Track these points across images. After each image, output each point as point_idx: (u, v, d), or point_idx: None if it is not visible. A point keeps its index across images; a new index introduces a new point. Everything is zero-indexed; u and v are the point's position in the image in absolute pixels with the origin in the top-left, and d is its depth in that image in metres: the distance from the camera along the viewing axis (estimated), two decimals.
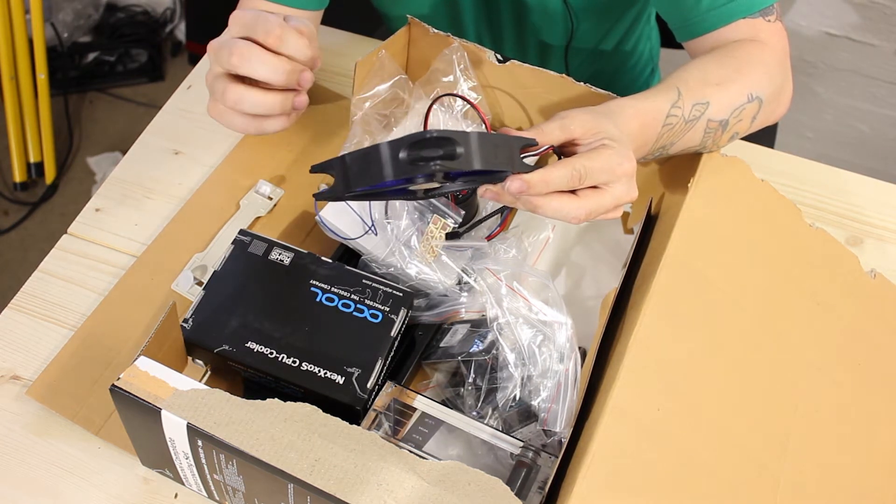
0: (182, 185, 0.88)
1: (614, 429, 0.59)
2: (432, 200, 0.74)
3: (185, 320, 0.69)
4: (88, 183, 2.00)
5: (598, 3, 0.95)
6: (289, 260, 0.73)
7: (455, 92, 0.86)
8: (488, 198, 0.64)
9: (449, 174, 0.60)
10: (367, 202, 0.78)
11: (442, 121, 0.85)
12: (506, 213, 0.82)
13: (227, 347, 0.68)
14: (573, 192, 0.64)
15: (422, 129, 0.82)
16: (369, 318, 0.70)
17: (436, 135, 0.57)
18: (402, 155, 0.57)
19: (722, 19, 0.80)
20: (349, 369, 0.67)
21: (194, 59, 2.13)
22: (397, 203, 0.77)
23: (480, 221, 0.80)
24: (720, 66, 0.77)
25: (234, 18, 0.71)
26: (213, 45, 0.72)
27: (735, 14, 0.79)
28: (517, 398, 0.69)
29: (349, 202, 0.79)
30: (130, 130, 2.07)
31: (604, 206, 0.65)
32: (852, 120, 1.89)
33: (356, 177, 0.60)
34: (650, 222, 0.80)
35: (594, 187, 0.64)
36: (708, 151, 0.77)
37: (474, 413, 0.70)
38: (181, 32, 2.26)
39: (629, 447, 0.59)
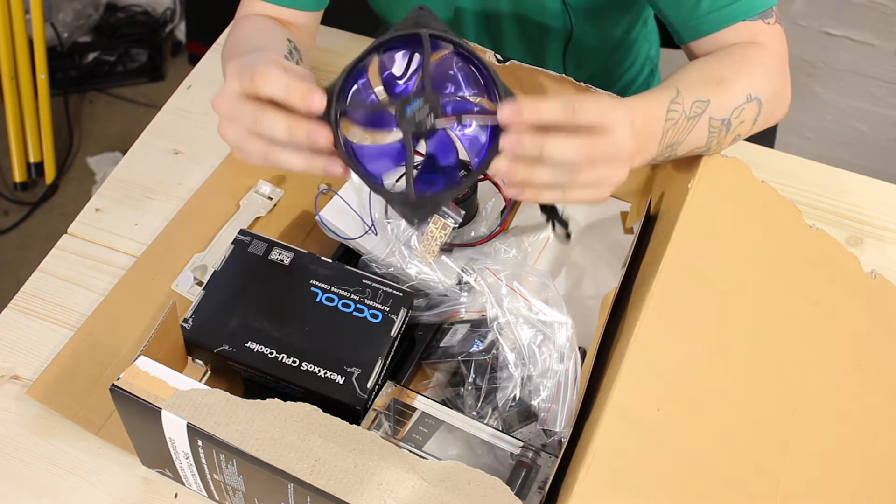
0: (182, 185, 0.88)
1: (614, 429, 0.59)
2: None
3: (185, 320, 0.69)
4: (88, 183, 2.00)
5: (596, 4, 0.95)
6: (289, 260, 0.73)
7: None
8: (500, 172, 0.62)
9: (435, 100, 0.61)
10: (368, 202, 0.78)
11: None
12: (506, 213, 0.82)
13: (227, 347, 0.68)
14: None
15: None
16: (369, 318, 0.70)
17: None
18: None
19: (721, 22, 0.80)
20: (349, 369, 0.67)
21: (194, 59, 2.13)
22: None
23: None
24: (719, 66, 0.77)
25: (231, 70, 0.65)
26: (234, 70, 0.65)
27: (734, 17, 0.79)
28: (517, 398, 0.69)
29: (348, 202, 0.79)
30: (130, 130, 2.06)
31: (605, 152, 0.62)
32: (852, 120, 1.89)
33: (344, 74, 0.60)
34: (650, 222, 0.80)
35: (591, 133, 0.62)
36: (712, 153, 0.77)
37: (474, 413, 0.70)
38: (181, 32, 2.26)
39: (629, 447, 0.59)
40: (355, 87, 0.62)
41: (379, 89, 0.64)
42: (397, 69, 0.64)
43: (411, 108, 0.60)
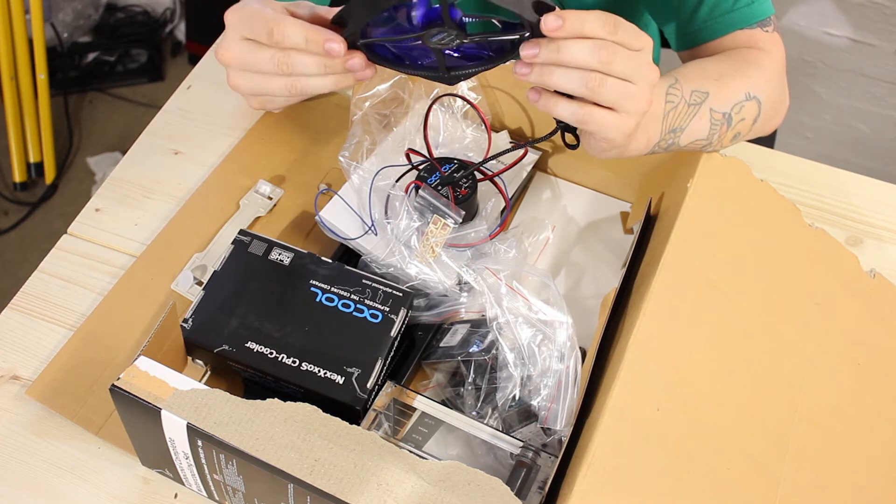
0: (182, 185, 0.88)
1: (614, 428, 0.59)
2: (432, 200, 0.74)
3: (185, 320, 0.69)
4: (88, 183, 2.00)
5: (595, 8, 0.94)
6: (289, 260, 0.73)
7: (455, 92, 0.86)
8: (523, 55, 0.61)
9: (460, 24, 0.61)
10: (368, 202, 0.78)
11: (442, 121, 0.85)
12: (506, 213, 0.82)
13: (227, 347, 0.68)
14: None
15: (422, 129, 0.82)
16: (369, 318, 0.70)
17: None
18: None
19: (719, 30, 0.80)
20: (349, 369, 0.67)
21: (194, 59, 2.13)
22: (397, 203, 0.77)
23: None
24: (718, 65, 0.77)
25: (231, 23, 0.68)
26: (233, 18, 0.68)
27: (733, 25, 0.79)
28: (517, 398, 0.69)
29: (348, 203, 0.79)
30: (130, 130, 2.07)
31: (629, 66, 0.61)
32: (852, 120, 1.89)
33: (362, 9, 0.62)
34: (650, 222, 0.80)
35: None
36: (713, 149, 0.77)
37: (474, 413, 0.70)
38: (181, 32, 2.26)
39: (629, 447, 0.59)
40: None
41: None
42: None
43: (436, 38, 0.61)
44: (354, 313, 0.70)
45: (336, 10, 0.66)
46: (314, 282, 0.72)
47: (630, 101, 0.62)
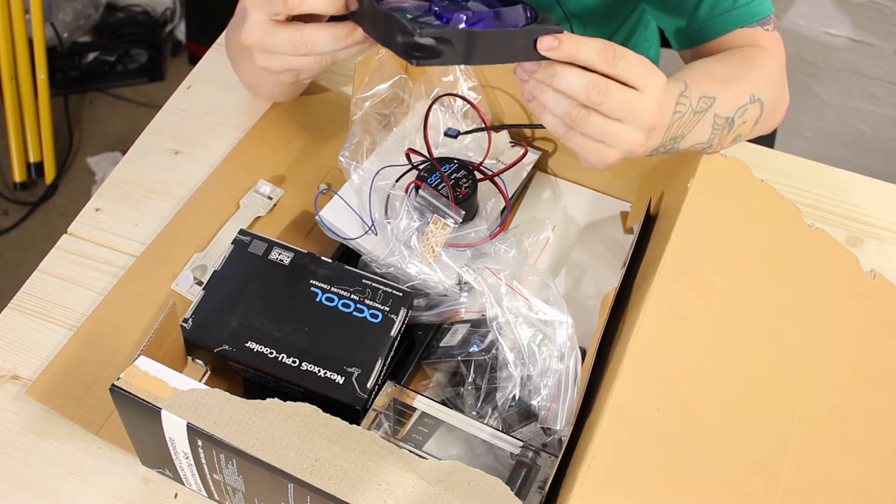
0: (182, 185, 0.88)
1: (614, 428, 0.59)
2: (432, 200, 0.74)
3: (185, 320, 0.69)
4: (88, 183, 2.00)
5: (596, 10, 0.94)
6: (289, 260, 0.73)
7: (455, 92, 0.86)
8: (522, 72, 0.61)
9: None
10: (368, 202, 0.78)
11: (442, 121, 0.85)
12: (506, 213, 0.82)
13: (227, 347, 0.68)
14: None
15: (422, 129, 0.82)
16: (369, 318, 0.70)
17: None
18: None
19: (719, 28, 0.80)
20: (349, 369, 0.67)
21: (194, 59, 2.13)
22: (397, 203, 0.77)
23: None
24: (722, 66, 0.77)
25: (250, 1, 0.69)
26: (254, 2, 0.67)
27: (734, 23, 0.79)
28: (517, 398, 0.69)
29: (348, 202, 0.79)
30: (130, 130, 2.07)
31: (624, 108, 0.59)
32: (852, 120, 1.89)
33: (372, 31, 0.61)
34: (650, 222, 0.80)
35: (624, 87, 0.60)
36: (712, 151, 0.77)
37: (474, 413, 0.70)
38: (181, 32, 2.26)
39: (629, 447, 0.59)
40: None
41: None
42: None
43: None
44: (354, 313, 0.70)
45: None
46: (314, 282, 0.72)
47: (613, 138, 0.62)
